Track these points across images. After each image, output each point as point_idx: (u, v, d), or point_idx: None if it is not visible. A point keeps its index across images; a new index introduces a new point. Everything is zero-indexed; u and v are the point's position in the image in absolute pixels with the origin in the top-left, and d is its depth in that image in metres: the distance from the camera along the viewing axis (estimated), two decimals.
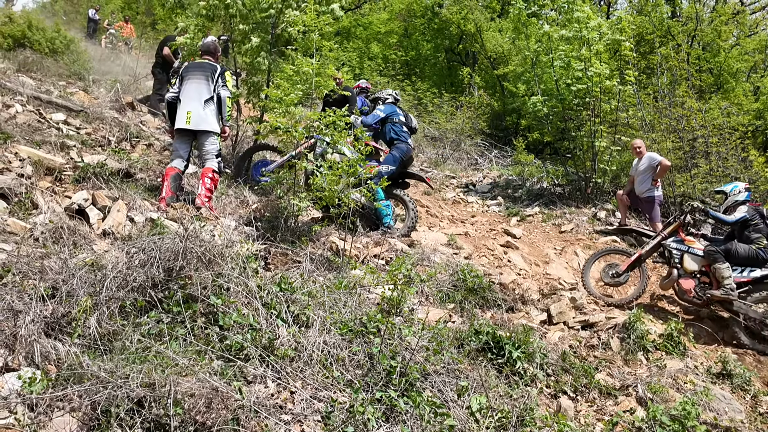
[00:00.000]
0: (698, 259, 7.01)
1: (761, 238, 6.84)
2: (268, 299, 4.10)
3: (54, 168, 6.15)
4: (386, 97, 8.40)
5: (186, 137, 6.64)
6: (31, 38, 12.50)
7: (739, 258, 6.83)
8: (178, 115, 6.59)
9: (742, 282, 6.76)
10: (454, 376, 4.07)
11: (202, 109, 6.54)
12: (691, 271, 7.00)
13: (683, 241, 7.18)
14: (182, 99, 6.60)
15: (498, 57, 19.91)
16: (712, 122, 11.91)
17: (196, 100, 6.55)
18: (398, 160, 7.68)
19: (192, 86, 6.62)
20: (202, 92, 6.59)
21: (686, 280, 6.97)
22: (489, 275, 6.84)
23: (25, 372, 2.96)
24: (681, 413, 4.16)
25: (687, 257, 7.06)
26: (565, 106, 12.05)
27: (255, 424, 3.05)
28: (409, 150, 7.93)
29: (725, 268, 6.70)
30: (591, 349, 5.61)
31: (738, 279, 6.75)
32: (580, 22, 11.46)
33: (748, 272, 6.79)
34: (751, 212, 6.97)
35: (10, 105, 7.89)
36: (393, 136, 7.92)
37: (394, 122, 7.99)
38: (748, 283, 6.76)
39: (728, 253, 6.84)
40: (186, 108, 6.53)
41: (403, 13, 23.80)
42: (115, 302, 3.60)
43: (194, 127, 6.52)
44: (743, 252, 6.83)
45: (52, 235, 4.57)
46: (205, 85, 6.63)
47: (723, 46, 18.20)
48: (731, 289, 6.61)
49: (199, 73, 6.71)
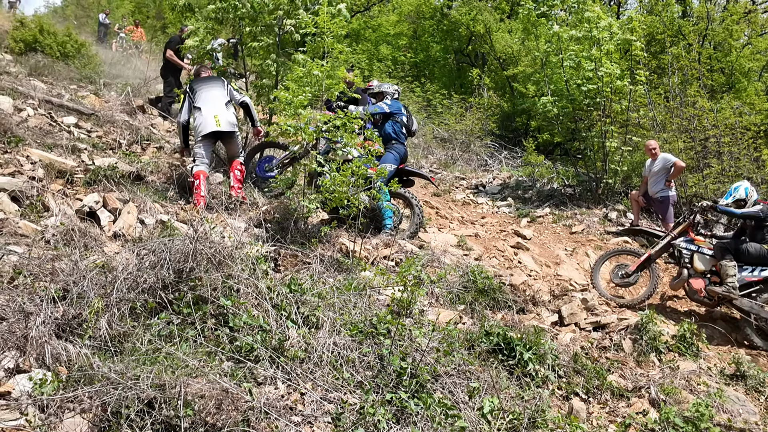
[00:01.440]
0: (708, 259, 6.96)
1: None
2: (278, 300, 4.10)
3: (65, 171, 6.18)
4: (392, 92, 8.23)
5: (210, 141, 6.99)
6: (43, 42, 12.61)
7: (750, 257, 6.75)
8: (204, 120, 6.90)
9: (753, 281, 6.68)
10: (465, 377, 4.05)
11: (225, 111, 6.97)
12: (701, 270, 6.94)
13: (693, 240, 7.13)
14: (202, 106, 6.95)
15: (507, 58, 19.84)
16: (724, 122, 11.79)
17: (219, 105, 6.98)
18: (397, 159, 7.64)
19: (210, 94, 7.02)
20: (220, 97, 7.02)
21: (696, 280, 6.91)
22: (499, 276, 6.81)
23: (36, 373, 2.97)
24: (695, 415, 4.12)
25: (697, 257, 7.01)
26: (576, 107, 11.97)
27: (265, 426, 3.04)
28: (406, 151, 7.89)
29: (731, 266, 6.65)
30: (603, 350, 5.57)
31: (749, 278, 6.68)
32: (591, 22, 11.39)
33: (759, 271, 6.70)
34: (765, 210, 6.82)
35: (22, 108, 7.95)
36: (392, 135, 7.78)
37: (396, 121, 7.86)
38: (759, 282, 6.67)
39: (738, 252, 6.77)
40: (211, 113, 6.90)
41: (412, 15, 23.77)
42: (125, 304, 3.60)
43: (224, 128, 6.91)
44: (754, 251, 6.75)
45: (63, 238, 4.60)
46: (221, 91, 7.07)
47: (734, 45, 18.05)
48: (733, 287, 6.56)
49: (212, 82, 7.19)
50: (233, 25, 9.35)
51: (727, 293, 6.57)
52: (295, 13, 8.40)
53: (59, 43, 12.85)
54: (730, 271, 6.63)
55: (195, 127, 7.06)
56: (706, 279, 6.91)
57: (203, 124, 6.90)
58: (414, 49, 23.49)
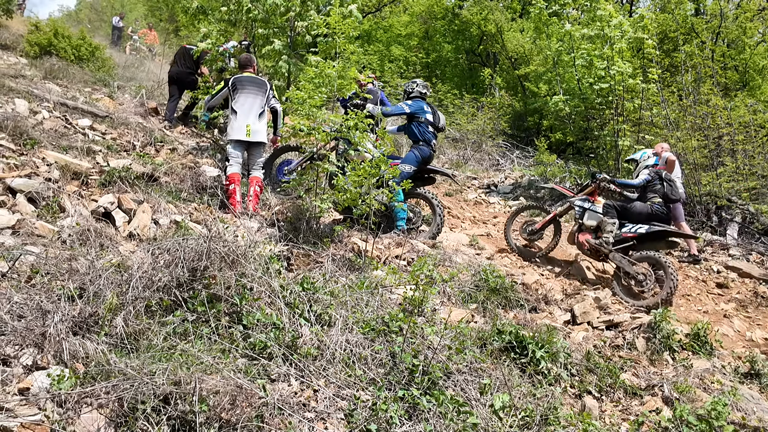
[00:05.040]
0: (597, 216, 7.64)
1: (656, 197, 7.45)
2: (291, 299, 4.14)
3: (80, 172, 6.26)
4: (415, 92, 7.85)
5: (241, 146, 7.14)
6: (57, 46, 12.74)
7: (634, 214, 7.46)
8: (237, 126, 7.10)
9: (629, 237, 7.34)
10: (477, 375, 4.06)
11: (258, 122, 7.16)
12: (589, 226, 7.66)
13: (589, 200, 7.86)
14: (238, 111, 7.15)
15: (519, 57, 19.82)
16: (737, 120, 11.70)
17: (253, 115, 7.16)
18: (419, 159, 7.47)
19: (248, 100, 7.19)
20: (256, 107, 7.19)
21: (583, 234, 7.66)
22: (511, 275, 6.81)
23: (54, 370, 3.01)
24: (709, 413, 4.10)
25: (587, 214, 7.74)
26: (588, 105, 11.95)
27: (279, 422, 3.07)
28: (431, 153, 7.67)
29: (611, 223, 7.41)
30: (616, 349, 5.56)
31: (625, 234, 7.35)
32: (603, 20, 11.37)
33: (635, 228, 7.33)
34: (652, 174, 7.62)
35: (38, 111, 8.04)
36: (417, 137, 7.57)
37: (420, 122, 7.59)
38: (634, 238, 7.32)
39: (626, 210, 7.51)
40: (245, 121, 7.10)
41: (423, 15, 23.78)
42: (141, 302, 3.65)
43: (253, 139, 7.09)
44: (640, 208, 7.45)
45: (79, 238, 4.66)
46: (260, 100, 7.24)
47: (748, 42, 17.91)
48: (606, 241, 7.31)
49: (255, 87, 7.30)
50: (246, 27, 9.42)
51: (599, 246, 7.35)
52: (307, 15, 8.45)
53: (73, 46, 12.97)
54: (608, 227, 7.40)
55: (228, 126, 7.33)
56: (593, 234, 7.62)
57: (235, 129, 7.11)
58: (425, 49, 23.50)
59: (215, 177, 7.44)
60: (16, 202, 5.18)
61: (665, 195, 7.46)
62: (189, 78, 10.35)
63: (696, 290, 7.89)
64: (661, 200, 7.43)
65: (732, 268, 8.69)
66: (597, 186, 7.81)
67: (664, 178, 7.57)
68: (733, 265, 8.77)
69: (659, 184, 7.52)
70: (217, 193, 7.01)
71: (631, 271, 7.05)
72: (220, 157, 8.54)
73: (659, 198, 7.43)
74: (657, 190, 7.49)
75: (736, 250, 9.59)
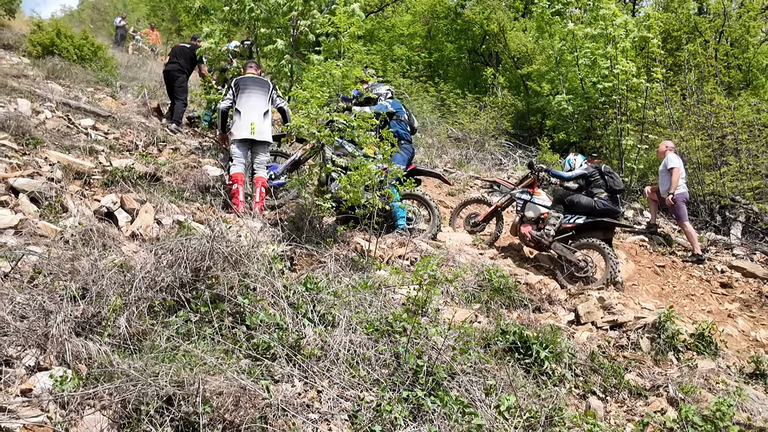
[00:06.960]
0: (537, 208, 7.93)
1: (601, 191, 7.69)
2: (294, 299, 4.12)
3: (83, 172, 6.25)
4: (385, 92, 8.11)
5: (246, 146, 7.09)
6: (60, 46, 12.75)
7: (579, 208, 7.71)
8: (240, 125, 7.05)
9: (568, 227, 7.67)
10: (481, 375, 4.04)
11: (262, 121, 7.10)
12: (530, 218, 7.94)
13: (530, 192, 8.10)
14: (242, 110, 7.09)
15: (522, 56, 19.76)
16: (741, 119, 11.67)
17: (257, 113, 7.09)
18: (406, 160, 7.68)
19: (251, 99, 7.14)
20: (260, 105, 7.13)
21: (525, 226, 7.93)
22: (515, 275, 6.79)
23: (57, 371, 3.00)
24: (714, 413, 4.08)
25: (528, 206, 7.99)
26: (591, 105, 11.92)
27: (282, 423, 3.05)
28: (413, 152, 7.99)
29: (555, 217, 7.71)
30: (620, 349, 5.53)
31: (565, 225, 7.67)
32: (606, 19, 11.34)
33: (575, 219, 7.66)
34: (590, 169, 7.87)
35: (40, 111, 8.04)
36: (400, 135, 7.68)
37: (399, 120, 7.85)
38: (573, 229, 7.65)
39: (572, 203, 7.76)
40: (248, 120, 7.03)
41: (425, 15, 23.74)
42: (144, 302, 3.63)
43: (257, 137, 7.04)
44: (585, 202, 7.70)
45: (82, 238, 4.63)
46: (264, 99, 7.19)
47: (752, 41, 17.86)
48: (547, 233, 7.63)
49: (257, 87, 7.26)
50: (248, 26, 9.41)
51: (540, 237, 7.66)
52: (310, 14, 8.44)
53: (76, 46, 12.99)
54: (552, 220, 7.71)
55: (232, 127, 7.25)
56: (535, 226, 7.91)
57: (239, 128, 7.06)
58: (428, 49, 23.46)
59: (218, 177, 7.43)
60: (18, 202, 5.17)
61: (610, 188, 7.73)
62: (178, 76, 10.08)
63: (700, 290, 7.87)
64: (607, 194, 7.71)
65: (736, 267, 8.68)
66: (536, 177, 8.05)
67: (604, 172, 7.84)
68: (737, 264, 8.75)
69: (600, 178, 7.78)
70: (220, 192, 7.00)
71: (573, 259, 7.43)
72: (222, 157, 8.53)
73: (604, 192, 7.71)
74: (600, 184, 7.76)
75: (740, 250, 9.56)
